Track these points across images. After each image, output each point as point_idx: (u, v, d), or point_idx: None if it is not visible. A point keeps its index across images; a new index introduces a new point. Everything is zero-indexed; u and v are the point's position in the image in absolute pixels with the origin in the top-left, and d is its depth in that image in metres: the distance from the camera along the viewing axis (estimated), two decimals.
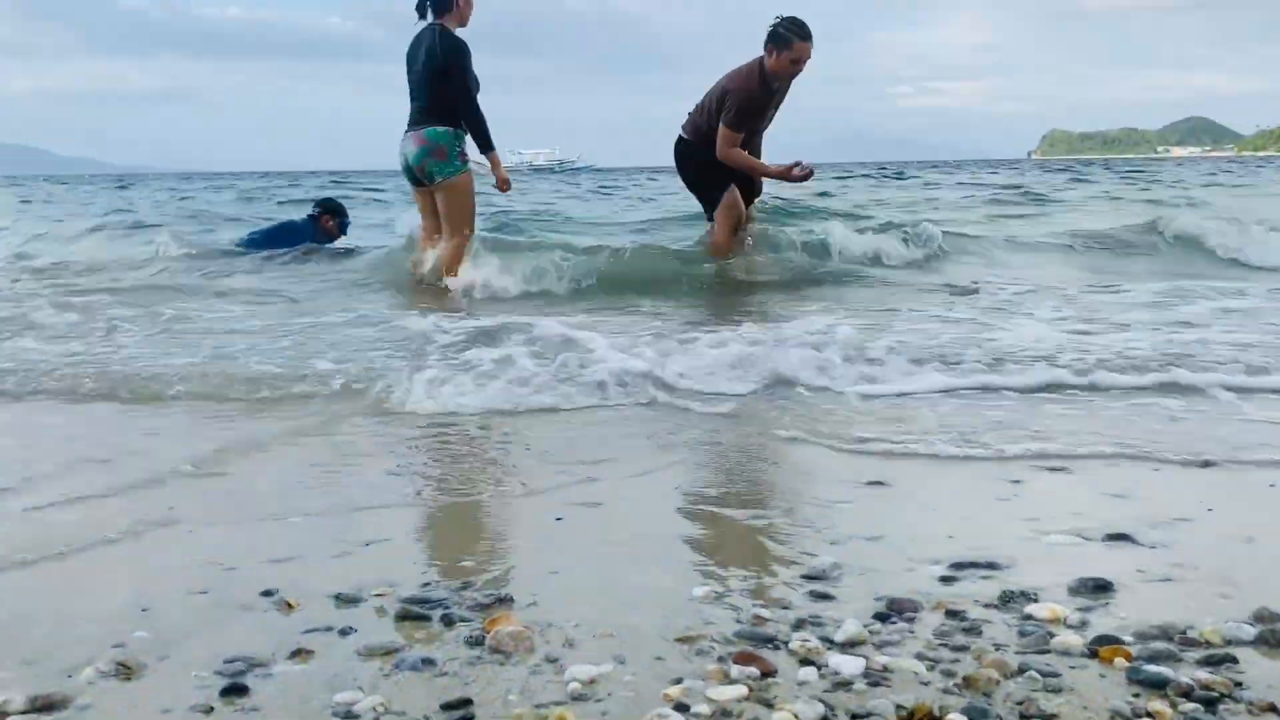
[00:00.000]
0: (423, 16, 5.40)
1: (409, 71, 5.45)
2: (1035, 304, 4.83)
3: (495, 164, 5.49)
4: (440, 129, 5.33)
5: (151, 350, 3.91)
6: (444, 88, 5.30)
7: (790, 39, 5.43)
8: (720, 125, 5.56)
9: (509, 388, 3.12)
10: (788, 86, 5.69)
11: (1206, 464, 2.35)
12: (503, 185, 5.63)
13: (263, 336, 4.19)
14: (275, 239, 7.10)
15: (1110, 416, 2.80)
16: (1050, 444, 2.50)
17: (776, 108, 5.79)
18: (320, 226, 7.13)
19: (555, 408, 2.99)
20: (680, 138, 5.85)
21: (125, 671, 1.36)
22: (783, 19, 5.48)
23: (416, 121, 5.39)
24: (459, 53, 5.29)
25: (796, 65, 5.49)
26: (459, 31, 5.38)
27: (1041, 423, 2.72)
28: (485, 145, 5.40)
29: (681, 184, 6.11)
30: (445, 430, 2.77)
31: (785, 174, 5.71)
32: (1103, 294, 5.25)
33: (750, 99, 5.54)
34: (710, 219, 5.97)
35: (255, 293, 5.64)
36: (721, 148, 5.59)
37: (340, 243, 7.15)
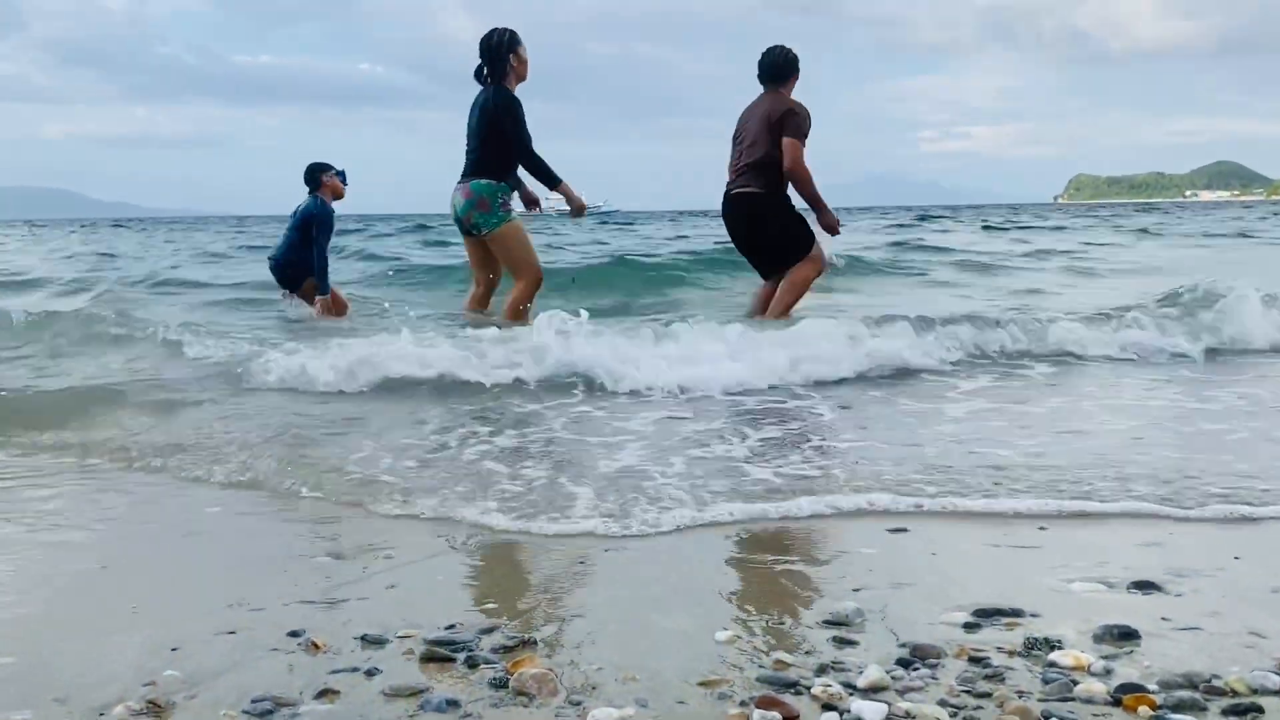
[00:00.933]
0: (480, 82, 5.59)
1: (468, 128, 5.67)
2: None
3: (567, 195, 5.73)
4: (484, 181, 5.53)
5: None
6: (494, 142, 5.48)
7: (796, 59, 5.65)
8: (788, 138, 5.43)
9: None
10: None
11: (1238, 516, 2.33)
12: (578, 210, 5.93)
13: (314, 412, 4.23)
14: (290, 250, 6.92)
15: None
16: (1078, 503, 2.44)
17: None
18: (327, 193, 6.80)
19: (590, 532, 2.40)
20: (751, 193, 5.58)
21: (156, 710, 1.38)
22: (774, 51, 5.65)
23: (466, 174, 5.62)
24: (511, 107, 5.49)
25: None
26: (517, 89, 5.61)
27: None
28: (551, 182, 5.61)
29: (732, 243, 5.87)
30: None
31: (831, 222, 5.61)
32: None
33: (807, 115, 5.54)
34: (766, 278, 5.77)
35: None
36: (794, 158, 5.43)
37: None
